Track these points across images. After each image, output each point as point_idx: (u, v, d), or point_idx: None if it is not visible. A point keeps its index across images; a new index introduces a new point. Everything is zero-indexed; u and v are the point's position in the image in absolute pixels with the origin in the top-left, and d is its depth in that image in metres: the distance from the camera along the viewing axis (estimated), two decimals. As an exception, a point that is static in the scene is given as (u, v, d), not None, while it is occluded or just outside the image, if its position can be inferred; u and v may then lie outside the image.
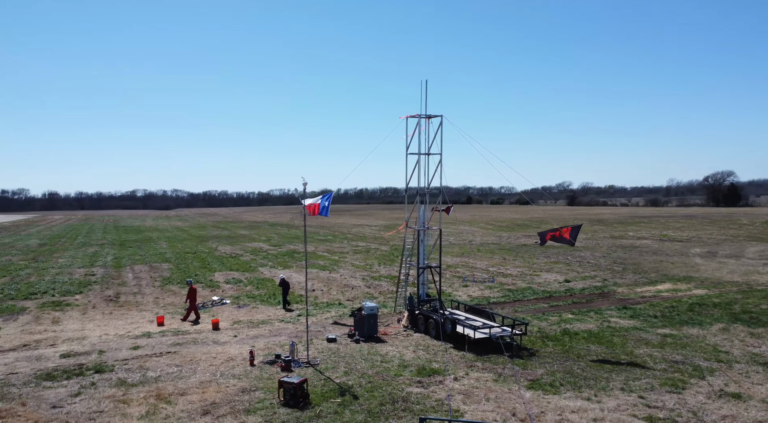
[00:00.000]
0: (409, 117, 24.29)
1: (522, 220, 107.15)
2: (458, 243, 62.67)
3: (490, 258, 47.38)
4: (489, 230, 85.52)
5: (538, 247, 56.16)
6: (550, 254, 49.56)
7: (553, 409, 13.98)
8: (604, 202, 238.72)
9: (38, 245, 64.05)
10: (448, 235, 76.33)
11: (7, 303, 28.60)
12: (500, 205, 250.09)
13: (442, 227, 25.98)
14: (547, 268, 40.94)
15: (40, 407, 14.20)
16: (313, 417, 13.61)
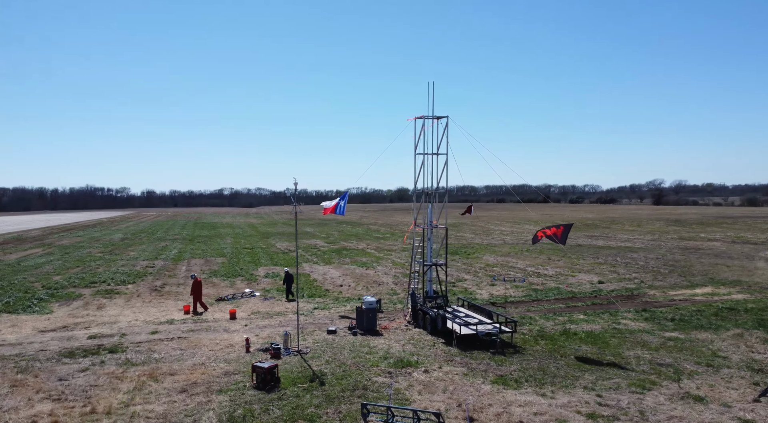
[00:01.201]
0: (417, 118, 24.96)
1: (592, 220, 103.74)
2: (512, 242, 62.06)
3: (535, 258, 46.78)
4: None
5: (590, 248, 54.70)
6: (598, 255, 48.25)
7: (500, 402, 14.39)
8: (695, 201, 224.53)
9: (120, 239, 69.95)
10: (505, 234, 75.65)
11: (69, 290, 32.04)
12: (577, 205, 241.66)
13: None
14: (588, 268, 40.04)
15: (48, 379, 16.36)
16: (275, 399, 14.81)
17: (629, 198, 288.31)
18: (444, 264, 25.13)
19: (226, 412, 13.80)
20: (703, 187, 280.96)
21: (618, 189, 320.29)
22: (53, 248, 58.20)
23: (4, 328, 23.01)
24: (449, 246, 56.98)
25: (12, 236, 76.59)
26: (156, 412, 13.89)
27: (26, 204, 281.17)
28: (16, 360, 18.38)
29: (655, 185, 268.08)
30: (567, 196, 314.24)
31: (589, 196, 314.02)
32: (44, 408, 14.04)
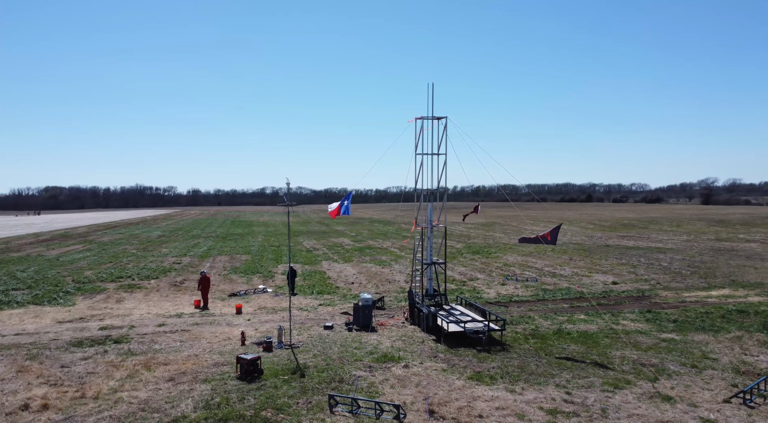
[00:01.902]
0: (417, 119, 25.34)
1: (630, 220, 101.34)
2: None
3: (557, 258, 46.34)
4: (588, 230, 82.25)
5: (617, 248, 53.75)
6: (623, 256, 47.42)
7: (467, 397, 14.74)
8: (747, 200, 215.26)
9: (157, 237, 72.72)
10: (530, 233, 74.63)
11: (96, 284, 33.83)
12: (620, 204, 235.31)
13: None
14: (606, 269, 39.50)
15: (51, 366, 17.61)
16: (254, 389, 15.57)
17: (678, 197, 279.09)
18: (443, 263, 25.42)
19: (204, 400, 14.63)
20: (760, 185, 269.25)
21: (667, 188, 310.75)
22: (93, 244, 61.11)
23: (27, 319, 24.66)
24: (472, 245, 57.03)
25: (59, 233, 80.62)
26: (140, 398, 14.85)
27: (80, 202, 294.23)
28: (29, 348, 19.79)
29: (707, 184, 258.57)
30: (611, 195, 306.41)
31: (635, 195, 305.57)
32: (40, 392, 15.21)
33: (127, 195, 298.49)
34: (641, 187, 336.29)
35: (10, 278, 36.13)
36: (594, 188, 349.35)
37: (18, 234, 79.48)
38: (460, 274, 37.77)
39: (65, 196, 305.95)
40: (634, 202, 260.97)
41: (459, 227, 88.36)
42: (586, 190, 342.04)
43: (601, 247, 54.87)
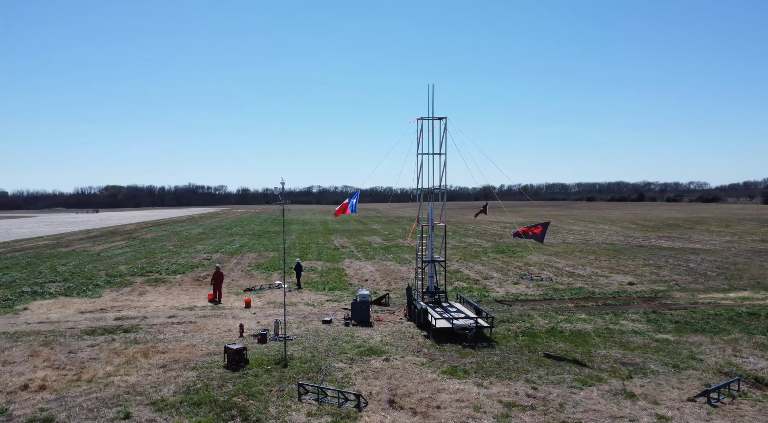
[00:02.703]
0: (419, 119, 25.83)
1: (676, 220, 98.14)
2: (574, 242, 60.56)
3: (582, 258, 45.75)
4: (628, 230, 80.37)
5: (649, 249, 52.52)
6: (652, 256, 46.34)
7: (432, 389, 15.24)
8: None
9: (197, 234, 75.61)
10: (573, 233, 73.69)
11: (126, 278, 35.85)
12: (673, 203, 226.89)
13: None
14: (629, 270, 38.83)
15: (60, 352, 19.11)
16: (236, 377, 16.52)
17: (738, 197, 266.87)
18: (443, 260, 25.82)
19: (186, 385, 15.68)
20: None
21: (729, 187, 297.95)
22: (136, 241, 64.22)
23: (54, 309, 26.58)
24: (500, 244, 56.81)
25: (109, 230, 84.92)
26: (128, 382, 16.04)
27: (137, 201, 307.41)
28: (46, 335, 21.46)
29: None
30: (665, 194, 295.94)
31: (692, 194, 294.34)
32: (42, 374, 16.62)
33: (180, 194, 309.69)
34: (700, 186, 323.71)
35: (51, 271, 38.70)
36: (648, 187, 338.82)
37: (72, 230, 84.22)
38: (476, 273, 37.94)
39: (124, 194, 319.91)
40: (689, 201, 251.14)
41: (494, 227, 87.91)
42: (639, 188, 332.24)
43: (633, 248, 53.68)
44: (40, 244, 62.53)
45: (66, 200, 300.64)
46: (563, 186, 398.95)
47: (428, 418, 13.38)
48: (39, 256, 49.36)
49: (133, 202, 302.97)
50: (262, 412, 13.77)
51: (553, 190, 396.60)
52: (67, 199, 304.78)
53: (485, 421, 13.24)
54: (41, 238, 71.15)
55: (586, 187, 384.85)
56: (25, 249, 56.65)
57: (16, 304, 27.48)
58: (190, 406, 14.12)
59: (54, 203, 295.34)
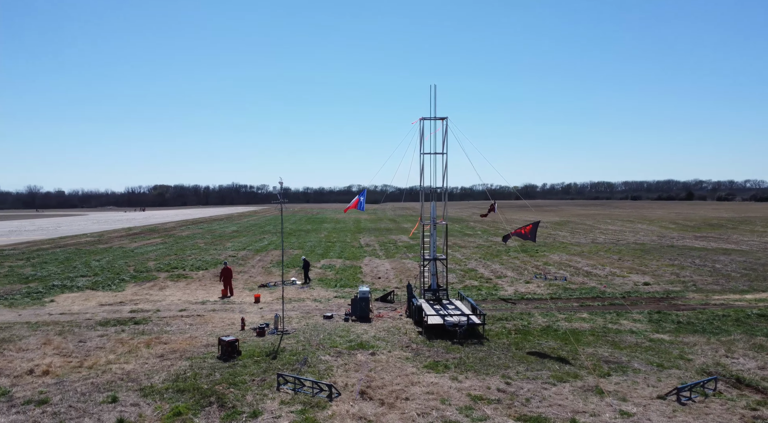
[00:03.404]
0: (422, 119, 26.23)
1: (720, 220, 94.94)
2: (603, 242, 59.56)
3: (606, 258, 45.09)
4: (666, 229, 78.40)
5: (680, 249, 51.20)
6: (679, 257, 45.26)
7: (406, 382, 15.72)
8: None
9: (231, 232, 77.80)
10: (606, 233, 72.42)
11: (152, 273, 37.54)
12: (724, 202, 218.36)
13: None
14: (650, 270, 38.16)
15: (71, 341, 20.43)
16: (226, 367, 17.39)
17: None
18: (444, 258, 26.16)
19: (176, 374, 16.63)
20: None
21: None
22: (171, 239, 66.66)
23: (78, 301, 28.22)
24: (523, 243, 56.39)
25: (149, 228, 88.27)
26: (125, 369, 17.12)
27: (184, 200, 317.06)
28: (64, 325, 22.93)
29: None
30: (717, 192, 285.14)
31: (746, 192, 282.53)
32: (48, 360, 17.89)
33: (224, 193, 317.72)
34: (756, 184, 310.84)
35: (84, 266, 40.84)
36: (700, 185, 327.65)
37: (115, 228, 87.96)
38: (491, 271, 37.99)
39: (171, 193, 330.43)
40: (741, 200, 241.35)
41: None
42: (689, 187, 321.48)
43: (663, 248, 52.43)
44: (83, 240, 65.70)
45: (117, 199, 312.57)
46: (609, 185, 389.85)
47: (393, 409, 13.87)
48: (78, 252, 52.00)
49: (180, 201, 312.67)
50: (239, 399, 14.55)
51: (598, 188, 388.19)
52: (118, 198, 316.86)
53: (447, 412, 13.64)
54: (85, 235, 74.69)
55: (633, 185, 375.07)
56: (67, 245, 59.71)
57: (45, 297, 29.29)
58: (174, 393, 15.03)
59: (106, 202, 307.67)
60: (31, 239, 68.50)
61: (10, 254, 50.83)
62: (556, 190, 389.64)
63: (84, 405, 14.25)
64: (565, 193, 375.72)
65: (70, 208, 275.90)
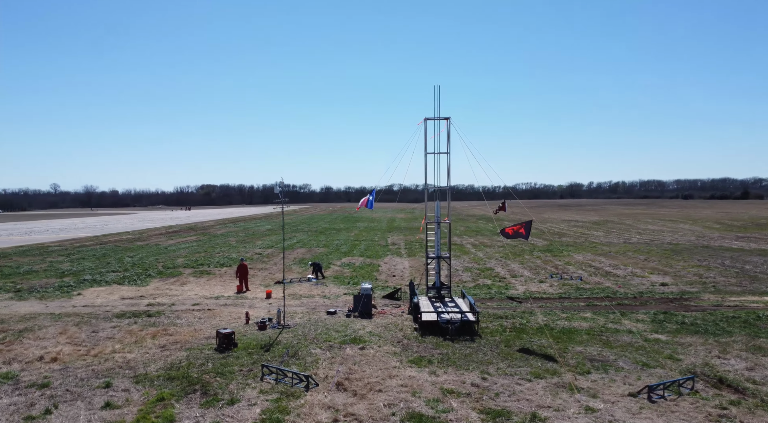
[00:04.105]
0: (426, 120, 26.61)
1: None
2: (637, 242, 58.37)
3: (632, 258, 44.26)
4: (708, 229, 76.08)
5: (714, 249, 49.66)
6: (709, 257, 44.03)
7: (385, 375, 16.22)
8: None
9: (265, 230, 79.75)
10: (641, 232, 70.80)
11: (178, 270, 39.15)
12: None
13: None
14: (673, 270, 37.35)
15: (85, 331, 21.78)
16: (220, 358, 18.28)
17: None
18: (448, 257, 26.46)
19: (172, 363, 17.61)
20: None
21: None
22: (206, 237, 68.93)
23: (102, 295, 29.86)
24: (553, 243, 55.83)
25: (188, 226, 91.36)
26: (126, 358, 18.23)
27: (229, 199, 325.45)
28: (83, 316, 24.41)
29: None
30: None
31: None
32: (59, 348, 19.22)
33: (267, 192, 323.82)
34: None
35: (117, 262, 42.93)
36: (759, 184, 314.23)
37: (156, 226, 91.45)
38: (508, 271, 37.95)
39: (217, 193, 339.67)
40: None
41: (563, 226, 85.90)
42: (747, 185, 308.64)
43: (697, 248, 50.97)
44: (123, 238, 68.73)
45: (167, 198, 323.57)
46: (659, 183, 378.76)
47: (363, 399, 14.41)
48: (116, 249, 54.55)
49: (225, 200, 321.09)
50: (222, 388, 15.36)
51: (648, 187, 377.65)
52: (167, 197, 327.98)
53: (414, 403, 14.07)
54: (127, 232, 78.06)
55: (686, 184, 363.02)
56: (108, 242, 62.64)
57: (74, 290, 31.10)
58: (164, 380, 15.98)
59: (156, 201, 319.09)
60: (77, 236, 72.13)
61: (54, 250, 53.83)
62: (602, 188, 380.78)
63: (80, 389, 15.35)
64: (612, 192, 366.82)
65: (122, 207, 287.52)
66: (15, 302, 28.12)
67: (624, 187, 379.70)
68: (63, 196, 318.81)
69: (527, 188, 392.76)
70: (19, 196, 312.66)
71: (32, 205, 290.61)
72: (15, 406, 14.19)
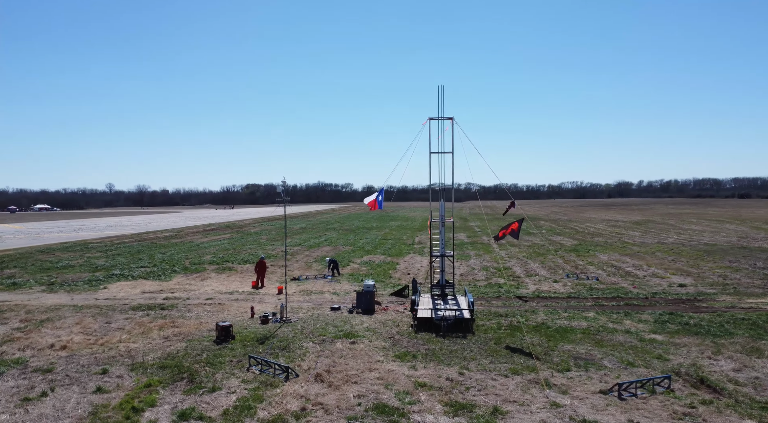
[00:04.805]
0: (430, 120, 26.90)
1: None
2: (673, 242, 56.79)
3: (658, 258, 43.22)
4: (756, 230, 73.37)
5: (751, 250, 47.82)
6: (744, 259, 42.56)
7: (365, 369, 16.72)
8: None
9: (299, 229, 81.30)
10: (680, 232, 68.76)
11: (203, 266, 40.63)
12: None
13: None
14: (698, 271, 36.36)
15: (99, 322, 23.09)
16: (216, 349, 19.16)
17: None
18: (451, 255, 26.68)
19: (170, 353, 18.58)
20: None
21: None
22: (239, 234, 70.89)
23: (125, 288, 31.42)
24: (582, 243, 54.97)
25: (225, 224, 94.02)
26: (129, 347, 19.33)
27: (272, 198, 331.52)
28: (102, 308, 25.84)
29: None
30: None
31: None
32: (70, 337, 20.52)
33: (310, 191, 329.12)
34: None
35: (148, 259, 44.87)
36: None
37: (195, 224, 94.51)
38: (525, 270, 37.74)
39: (261, 192, 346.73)
40: None
41: (598, 225, 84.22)
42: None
43: (733, 249, 49.23)
44: (161, 235, 71.46)
45: (214, 197, 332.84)
46: (715, 182, 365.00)
47: (336, 390, 14.95)
48: (152, 246, 56.88)
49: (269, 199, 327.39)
50: (208, 377, 16.18)
51: (702, 186, 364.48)
52: (215, 196, 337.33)
53: (384, 395, 14.51)
54: (166, 230, 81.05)
55: (744, 182, 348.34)
56: (147, 239, 65.30)
57: (101, 284, 32.82)
58: (157, 369, 16.93)
59: (204, 200, 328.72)
60: (119, 234, 75.46)
61: (94, 246, 56.60)
62: (653, 187, 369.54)
63: (78, 375, 16.46)
64: (663, 191, 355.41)
65: (172, 206, 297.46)
66: (45, 294, 29.95)
67: (676, 186, 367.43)
68: (117, 195, 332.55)
69: (573, 187, 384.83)
70: (78, 195, 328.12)
71: (89, 203, 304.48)
72: (17, 389, 15.37)
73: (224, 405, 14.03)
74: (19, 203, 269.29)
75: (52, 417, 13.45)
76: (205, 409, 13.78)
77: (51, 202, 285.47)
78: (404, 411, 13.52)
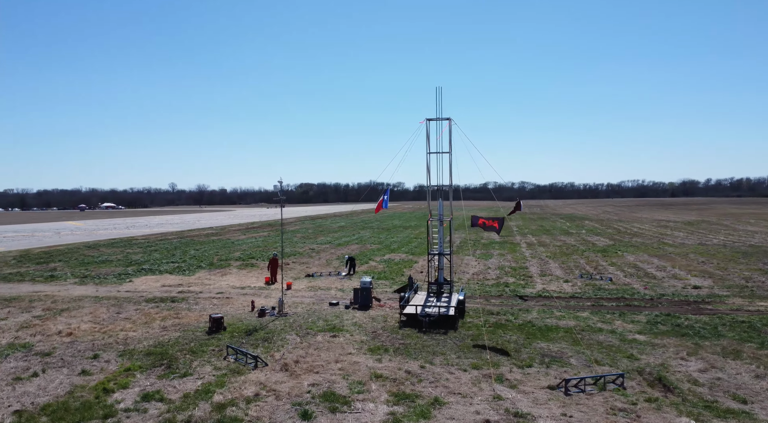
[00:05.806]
0: (428, 120, 27.31)
1: None
2: (716, 243, 54.74)
3: (689, 260, 41.91)
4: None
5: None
6: None
7: (333, 360, 17.46)
8: None
9: (337, 227, 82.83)
10: (728, 233, 65.98)
11: (228, 262, 42.43)
12: None
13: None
14: (723, 274, 35.17)
15: (109, 312, 24.81)
16: (205, 338, 20.37)
17: None
18: (449, 253, 27.02)
19: (162, 341, 19.90)
20: None
21: None
22: (275, 233, 73.01)
23: (148, 282, 33.37)
24: (617, 243, 53.70)
25: (267, 222, 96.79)
26: (128, 336, 20.81)
27: (325, 197, 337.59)
28: (119, 299, 27.67)
29: None
30: None
31: None
32: (79, 325, 22.23)
33: (361, 190, 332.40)
34: None
35: (182, 255, 47.16)
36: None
37: (239, 222, 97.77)
38: (540, 270, 37.48)
39: (314, 191, 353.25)
40: None
41: (644, 226, 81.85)
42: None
43: (759, 250, 46.97)
44: (203, 233, 74.51)
45: (269, 196, 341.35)
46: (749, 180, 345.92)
47: (295, 379, 15.78)
48: (190, 242, 59.56)
49: (322, 198, 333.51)
50: (186, 364, 17.33)
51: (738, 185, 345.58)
52: (270, 195, 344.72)
53: (337, 385, 15.23)
54: (209, 228, 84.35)
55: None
56: (190, 236, 68.31)
57: (128, 278, 34.96)
58: (143, 355, 18.25)
59: (259, 199, 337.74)
60: (165, 231, 79.20)
61: (136, 243, 59.83)
62: (722, 186, 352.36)
63: (72, 358, 17.97)
64: (732, 190, 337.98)
65: (229, 204, 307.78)
66: (75, 286, 32.25)
67: (748, 184, 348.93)
68: (179, 194, 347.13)
69: (633, 186, 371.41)
70: (143, 194, 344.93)
71: (153, 202, 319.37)
72: (14, 369, 16.98)
73: (188, 389, 15.08)
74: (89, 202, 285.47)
75: (33, 394, 14.88)
76: (169, 393, 14.87)
77: (118, 201, 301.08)
78: (349, 399, 14.17)
